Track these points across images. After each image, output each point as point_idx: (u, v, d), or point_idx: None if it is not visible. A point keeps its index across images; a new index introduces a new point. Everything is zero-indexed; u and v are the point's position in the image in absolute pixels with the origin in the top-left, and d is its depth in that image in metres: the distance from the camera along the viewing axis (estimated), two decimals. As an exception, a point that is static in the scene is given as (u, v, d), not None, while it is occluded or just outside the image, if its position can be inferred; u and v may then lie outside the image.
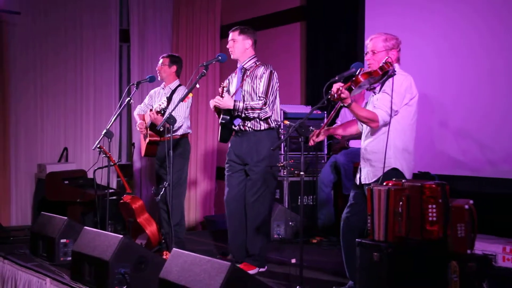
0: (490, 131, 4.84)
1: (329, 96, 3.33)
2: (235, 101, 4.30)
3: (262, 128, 4.37)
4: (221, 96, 4.31)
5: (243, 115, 4.32)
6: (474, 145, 4.92)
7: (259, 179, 4.35)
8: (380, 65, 3.40)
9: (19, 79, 7.24)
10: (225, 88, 4.34)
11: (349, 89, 3.33)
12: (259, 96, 4.32)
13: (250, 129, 4.38)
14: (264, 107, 4.27)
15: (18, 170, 7.27)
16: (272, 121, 4.40)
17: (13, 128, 7.20)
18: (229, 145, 4.58)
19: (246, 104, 4.29)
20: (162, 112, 4.71)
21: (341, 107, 3.56)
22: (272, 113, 4.37)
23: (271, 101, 4.31)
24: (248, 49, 4.44)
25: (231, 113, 4.37)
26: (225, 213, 4.57)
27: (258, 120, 4.34)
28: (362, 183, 3.58)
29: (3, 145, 7.02)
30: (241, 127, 4.41)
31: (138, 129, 5.18)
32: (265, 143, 4.35)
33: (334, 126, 4.16)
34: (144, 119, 5.18)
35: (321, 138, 3.72)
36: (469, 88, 5.00)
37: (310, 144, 3.67)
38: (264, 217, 4.42)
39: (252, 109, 4.28)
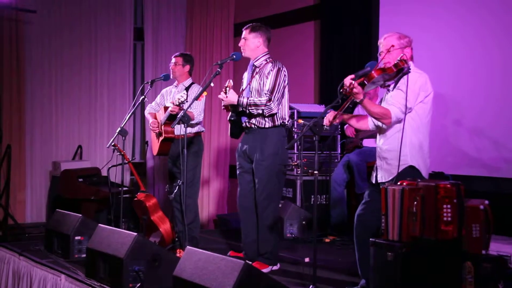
0: (505, 130, 4.80)
1: (341, 90, 3.30)
2: (239, 97, 4.28)
3: (267, 125, 4.31)
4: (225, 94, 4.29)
5: (247, 111, 4.29)
6: (489, 144, 4.89)
7: (265, 177, 4.30)
8: (395, 62, 3.39)
9: (34, 77, 7.32)
10: (227, 88, 4.30)
11: (362, 84, 3.31)
12: (264, 93, 4.27)
13: (255, 126, 4.34)
14: (268, 104, 4.21)
15: (33, 167, 7.34)
16: (278, 119, 4.33)
17: (29, 126, 7.28)
18: (239, 143, 4.58)
19: (249, 100, 4.25)
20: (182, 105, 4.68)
21: (355, 105, 3.53)
22: (279, 110, 4.32)
23: (276, 98, 4.25)
24: (259, 47, 4.39)
25: (238, 109, 4.36)
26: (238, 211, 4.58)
27: (262, 117, 4.30)
28: (379, 181, 3.56)
29: (18, 143, 7.08)
30: (247, 124, 4.39)
31: (151, 128, 5.18)
32: (271, 140, 4.30)
33: (349, 114, 4.08)
34: (156, 118, 5.19)
35: (336, 121, 3.65)
36: (483, 87, 4.97)
37: (325, 123, 3.54)
38: (274, 215, 4.40)
39: (256, 105, 4.23)
